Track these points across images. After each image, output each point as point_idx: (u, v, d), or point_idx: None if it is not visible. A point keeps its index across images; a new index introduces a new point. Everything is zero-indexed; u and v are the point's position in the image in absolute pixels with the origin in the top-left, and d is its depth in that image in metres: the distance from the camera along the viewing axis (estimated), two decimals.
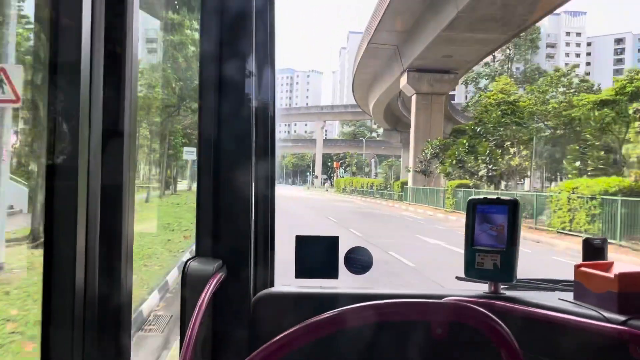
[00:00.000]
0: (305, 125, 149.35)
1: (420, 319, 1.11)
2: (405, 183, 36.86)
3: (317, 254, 1.40)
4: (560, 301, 1.28)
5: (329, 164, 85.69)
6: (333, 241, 1.40)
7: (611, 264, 1.29)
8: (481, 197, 1.31)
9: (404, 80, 36.77)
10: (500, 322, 0.82)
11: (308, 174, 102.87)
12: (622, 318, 1.12)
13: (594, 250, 1.37)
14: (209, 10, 1.33)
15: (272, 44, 1.41)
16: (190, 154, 16.64)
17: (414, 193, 32.97)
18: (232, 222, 1.33)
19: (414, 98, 37.10)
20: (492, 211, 1.29)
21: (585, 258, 1.37)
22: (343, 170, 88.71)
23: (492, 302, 1.20)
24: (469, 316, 0.85)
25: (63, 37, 0.85)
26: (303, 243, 1.40)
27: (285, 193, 44.23)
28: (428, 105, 36.71)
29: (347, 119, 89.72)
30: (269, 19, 1.40)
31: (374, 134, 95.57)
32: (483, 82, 58.76)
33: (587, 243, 1.39)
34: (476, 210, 1.30)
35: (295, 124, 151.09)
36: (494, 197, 1.31)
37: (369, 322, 0.86)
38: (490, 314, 0.83)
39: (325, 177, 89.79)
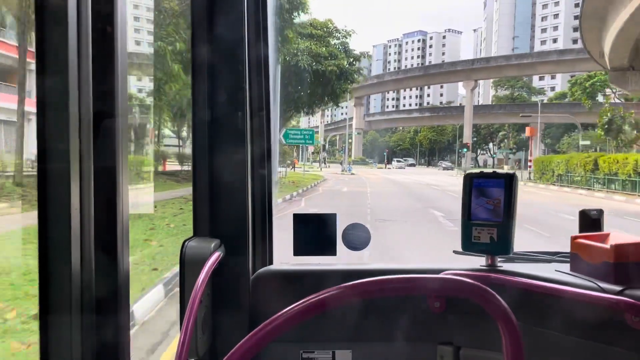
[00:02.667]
0: (441, 88, 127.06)
1: (418, 294, 1.15)
2: None
3: (315, 232, 1.41)
4: (557, 272, 1.29)
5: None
6: (331, 218, 1.41)
7: (607, 235, 1.31)
8: (477, 171, 1.35)
9: None
10: (496, 294, 0.82)
11: (445, 154, 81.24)
12: (618, 288, 1.14)
13: (590, 222, 1.38)
14: None
15: (264, 15, 1.39)
16: None
17: None
18: (228, 201, 1.33)
19: None
20: (488, 185, 1.30)
21: (581, 229, 1.38)
22: (497, 147, 66.31)
23: (488, 275, 1.25)
24: (466, 290, 0.86)
25: (49, 19, 0.84)
26: (301, 221, 1.42)
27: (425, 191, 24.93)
28: None
29: (511, 74, 65.83)
30: None
31: (540, 98, 70.29)
32: None
33: (583, 214, 1.39)
34: (473, 185, 1.31)
35: (428, 88, 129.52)
36: (490, 171, 1.34)
37: (367, 298, 0.90)
38: (486, 287, 0.83)
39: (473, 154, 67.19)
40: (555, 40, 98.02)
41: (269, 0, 1.41)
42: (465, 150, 66.37)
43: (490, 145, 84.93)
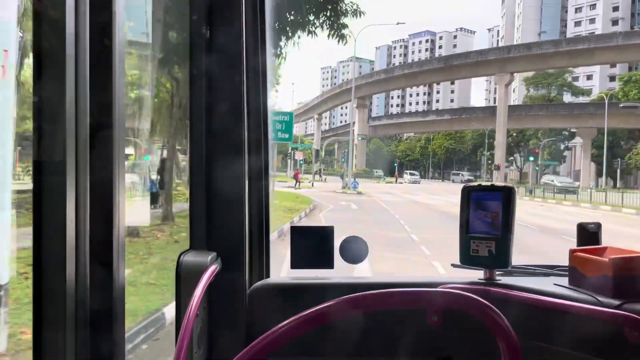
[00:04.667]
0: (452, 93, 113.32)
1: (415, 308, 1.14)
2: None
3: (312, 245, 1.41)
4: (556, 286, 1.29)
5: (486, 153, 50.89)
6: (328, 231, 1.41)
7: (605, 248, 1.31)
8: (475, 184, 1.33)
9: None
10: (495, 308, 0.83)
11: (463, 166, 66.99)
12: (616, 302, 1.15)
13: (588, 235, 1.38)
14: None
15: (262, 26, 1.40)
16: None
17: None
18: (225, 214, 1.34)
19: None
20: (486, 198, 1.30)
21: (579, 243, 1.37)
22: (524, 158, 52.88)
23: (487, 289, 1.25)
24: (464, 304, 0.86)
25: (47, 29, 0.85)
26: (298, 234, 1.42)
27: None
28: None
29: (559, 65, 51.56)
30: None
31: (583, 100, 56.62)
32: None
33: (581, 228, 1.39)
34: (471, 198, 1.31)
35: (438, 93, 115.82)
36: (489, 184, 1.33)
37: (365, 311, 0.90)
38: (485, 301, 0.83)
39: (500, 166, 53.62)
40: None
41: (268, 11, 1.42)
42: (496, 165, 52.25)
43: (517, 156, 70.81)
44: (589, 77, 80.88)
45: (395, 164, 66.00)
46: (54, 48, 0.83)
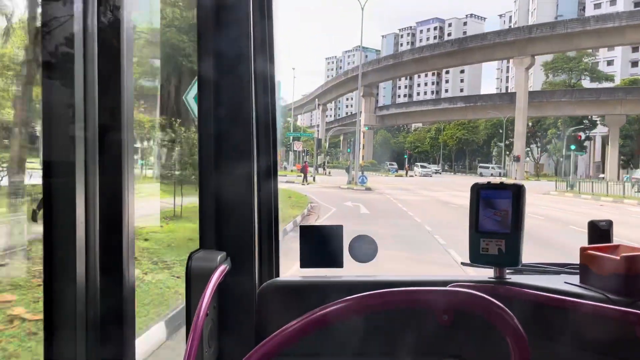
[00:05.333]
0: (462, 81, 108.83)
1: (424, 307, 1.15)
2: None
3: (321, 244, 1.41)
4: (567, 284, 1.29)
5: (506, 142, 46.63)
6: (337, 230, 1.41)
7: (617, 246, 1.30)
8: (485, 182, 1.32)
9: None
10: (504, 307, 0.82)
11: (474, 157, 62.98)
12: (628, 300, 1.15)
13: (600, 233, 1.37)
14: None
15: (270, 30, 1.41)
16: None
17: None
18: (235, 213, 1.34)
19: None
20: (495, 196, 1.29)
21: (591, 241, 1.37)
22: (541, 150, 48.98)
23: (497, 287, 1.25)
24: (473, 302, 0.86)
25: (55, 30, 0.85)
26: (307, 233, 1.43)
27: None
28: None
29: (585, 45, 47.26)
30: None
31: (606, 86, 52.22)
32: None
33: (592, 225, 1.39)
34: (480, 196, 1.30)
35: (447, 82, 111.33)
36: (498, 181, 1.32)
37: (372, 310, 0.89)
38: (494, 300, 0.83)
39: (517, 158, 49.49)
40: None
41: (275, 16, 1.43)
42: (515, 156, 48.00)
43: (533, 147, 66.30)
44: (610, 63, 76.05)
45: (406, 156, 61.69)
46: (62, 50, 0.84)
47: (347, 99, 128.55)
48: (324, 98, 75.88)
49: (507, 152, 58.71)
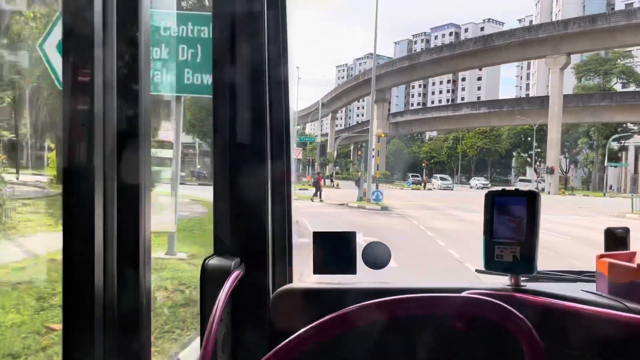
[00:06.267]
0: (479, 89, 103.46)
1: (439, 314, 1.16)
2: None
3: (334, 250, 1.42)
4: (583, 292, 1.28)
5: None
6: (350, 237, 1.42)
7: (634, 253, 1.30)
8: (499, 189, 1.32)
9: None
10: (520, 314, 0.83)
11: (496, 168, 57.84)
12: None
13: (616, 240, 1.38)
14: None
15: (284, 36, 1.43)
16: None
17: None
18: (249, 219, 1.36)
19: None
20: (510, 203, 1.28)
21: (607, 248, 1.37)
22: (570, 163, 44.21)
23: (512, 295, 1.24)
24: (488, 309, 0.87)
25: (75, 38, 0.89)
26: (320, 239, 1.43)
27: None
28: None
29: (629, 42, 41.43)
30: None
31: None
32: None
33: (609, 233, 1.39)
34: (494, 203, 1.30)
35: (463, 89, 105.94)
36: (512, 189, 1.32)
37: (386, 316, 0.90)
38: (509, 307, 0.84)
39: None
40: None
41: (289, 22, 1.45)
42: (548, 168, 42.28)
43: (561, 158, 60.30)
44: None
45: (423, 166, 56.13)
46: (81, 56, 0.87)
47: (358, 108, 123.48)
48: (333, 105, 70.63)
49: (538, 163, 52.85)
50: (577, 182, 62.41)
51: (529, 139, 62.37)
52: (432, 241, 11.23)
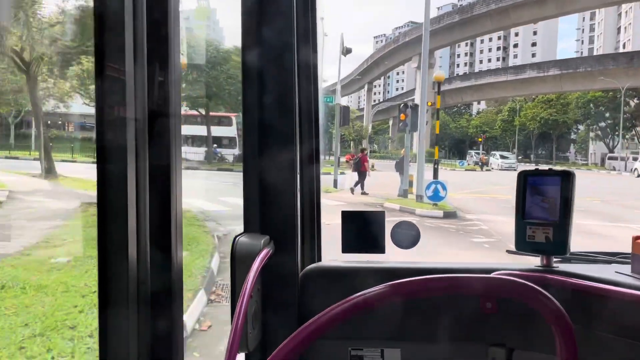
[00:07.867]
0: (534, 45, 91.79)
1: (467, 294, 1.15)
2: None
3: (363, 229, 1.43)
4: (617, 274, 1.26)
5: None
6: (379, 216, 1.43)
7: None
8: (533, 168, 1.30)
9: None
10: (551, 296, 0.82)
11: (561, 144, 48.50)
12: None
13: None
14: None
15: (313, 20, 1.44)
16: None
17: None
18: (278, 199, 1.38)
19: None
20: (543, 183, 1.27)
21: None
22: None
23: (543, 276, 1.23)
24: (518, 291, 0.86)
25: (107, 26, 0.91)
26: (349, 218, 1.44)
27: None
28: None
29: None
30: None
31: None
32: None
33: None
34: (527, 182, 1.29)
35: (515, 36, 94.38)
36: (547, 168, 1.30)
37: (411, 297, 0.91)
38: (539, 289, 0.83)
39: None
40: None
41: (318, 5, 1.46)
42: None
43: None
44: None
45: (480, 142, 47.15)
46: (113, 44, 0.89)
47: (397, 81, 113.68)
48: (370, 75, 61.80)
49: (626, 135, 42.96)
50: None
51: (601, 108, 52.05)
52: None
